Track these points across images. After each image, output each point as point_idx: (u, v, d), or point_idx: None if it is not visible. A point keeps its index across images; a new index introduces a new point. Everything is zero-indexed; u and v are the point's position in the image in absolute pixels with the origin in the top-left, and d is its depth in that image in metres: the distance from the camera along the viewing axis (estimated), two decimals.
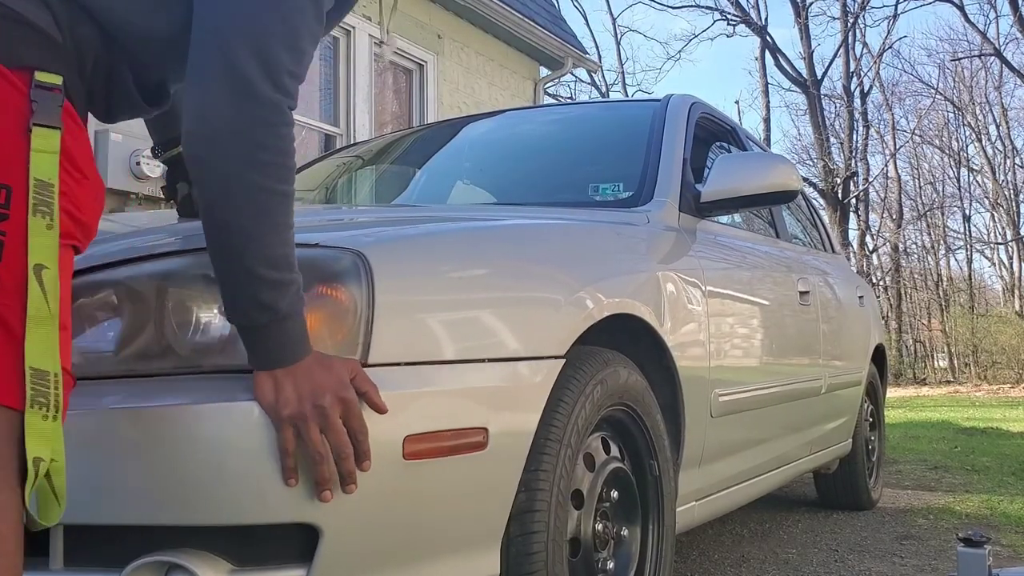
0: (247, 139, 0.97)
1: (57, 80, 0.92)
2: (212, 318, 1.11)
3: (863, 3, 20.55)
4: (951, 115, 23.86)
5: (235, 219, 0.98)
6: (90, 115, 1.05)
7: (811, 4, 21.09)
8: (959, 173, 24.43)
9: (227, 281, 1.00)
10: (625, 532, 1.58)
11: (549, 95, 13.13)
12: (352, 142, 5.73)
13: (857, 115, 21.34)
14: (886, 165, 23.12)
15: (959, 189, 24.55)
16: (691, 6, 23.23)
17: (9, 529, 0.83)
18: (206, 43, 0.99)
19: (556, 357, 1.37)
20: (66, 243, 0.90)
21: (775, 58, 20.80)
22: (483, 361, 1.25)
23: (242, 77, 0.96)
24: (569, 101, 19.07)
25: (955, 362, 20.58)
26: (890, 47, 25.24)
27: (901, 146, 23.51)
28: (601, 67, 22.27)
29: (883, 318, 15.55)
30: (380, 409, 1.05)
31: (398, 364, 1.13)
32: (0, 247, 0.85)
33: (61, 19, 0.95)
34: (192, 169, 0.99)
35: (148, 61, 1.06)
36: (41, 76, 0.91)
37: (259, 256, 0.98)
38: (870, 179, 22.19)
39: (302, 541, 1.07)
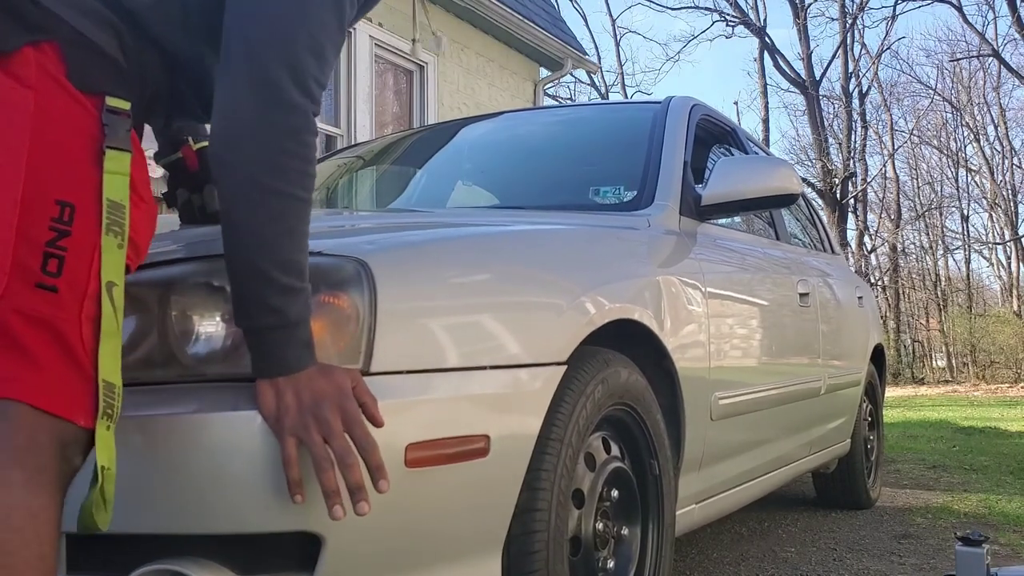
0: (272, 143, 0.99)
1: (125, 105, 0.98)
2: (215, 327, 1.11)
3: (862, 4, 20.56)
4: (949, 116, 23.89)
5: (253, 221, 0.99)
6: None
7: (810, 5, 21.12)
8: (957, 173, 24.46)
9: (239, 282, 1.02)
10: (625, 531, 1.59)
11: (549, 96, 13.14)
12: (352, 143, 5.73)
13: (855, 116, 21.35)
14: (884, 165, 23.16)
15: (957, 189, 24.58)
16: (690, 7, 23.22)
17: (48, 532, 0.87)
18: (236, 50, 1.01)
19: (558, 364, 1.38)
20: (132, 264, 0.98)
21: (774, 59, 20.81)
22: (485, 368, 1.24)
23: (271, 82, 0.99)
24: (569, 102, 19.07)
25: (953, 362, 20.59)
26: (888, 48, 25.35)
27: (899, 146, 23.54)
28: (601, 68, 22.29)
29: (882, 318, 15.55)
30: (377, 422, 1.03)
31: (400, 372, 1.13)
32: (61, 263, 0.90)
33: (128, 47, 1.00)
34: (215, 169, 1.02)
35: (204, 76, 1.11)
36: (112, 101, 0.97)
37: (273, 260, 0.99)
38: (868, 179, 22.22)
39: (304, 549, 1.07)
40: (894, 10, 21.49)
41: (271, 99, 0.99)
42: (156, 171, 4.18)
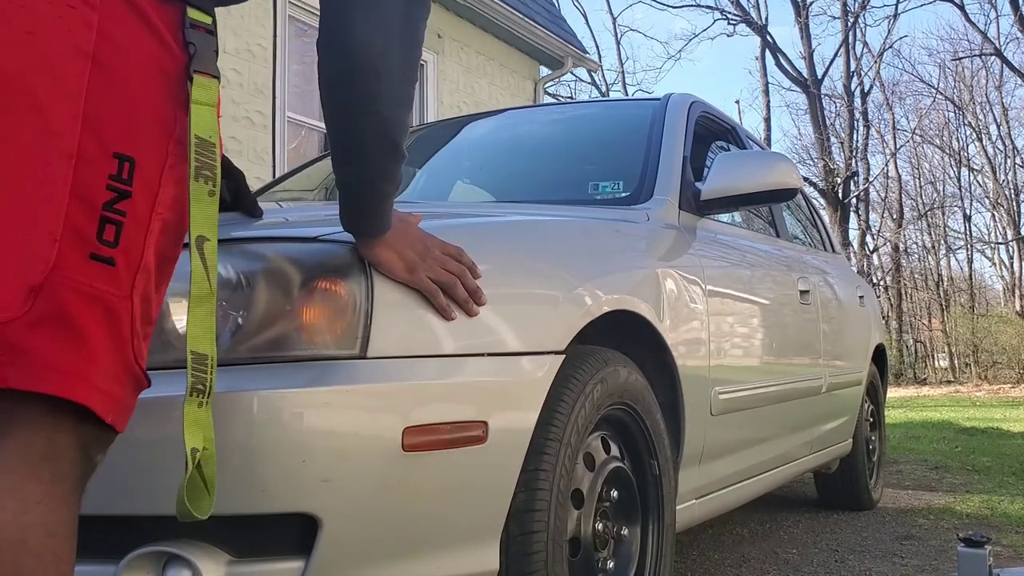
0: (414, 38, 1.00)
1: (207, 20, 0.83)
2: (220, 312, 1.11)
3: (863, 2, 20.56)
4: (952, 115, 23.88)
5: (398, 108, 1.02)
6: None
7: (811, 3, 21.12)
8: (959, 173, 24.45)
9: (379, 171, 1.05)
10: (625, 532, 1.58)
11: (549, 95, 13.14)
12: None
13: (857, 115, 21.35)
14: (886, 165, 23.14)
15: (959, 189, 24.56)
16: (691, 5, 23.26)
17: (67, 550, 0.76)
18: None
19: (555, 352, 1.38)
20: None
21: (775, 57, 20.82)
22: (482, 355, 1.25)
23: None
24: (569, 100, 19.07)
25: (955, 362, 20.58)
26: (890, 47, 25.31)
27: (901, 146, 23.53)
28: (601, 67, 22.26)
29: (883, 318, 15.55)
30: (460, 256, 1.24)
31: (397, 357, 1.14)
32: (119, 230, 0.74)
33: None
34: (361, 81, 0.98)
35: None
36: (193, 14, 0.82)
37: (401, 132, 1.04)
38: (870, 179, 22.21)
39: (301, 532, 1.07)
40: (896, 9, 21.62)
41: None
42: None
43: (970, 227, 25.08)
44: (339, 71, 0.99)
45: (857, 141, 21.17)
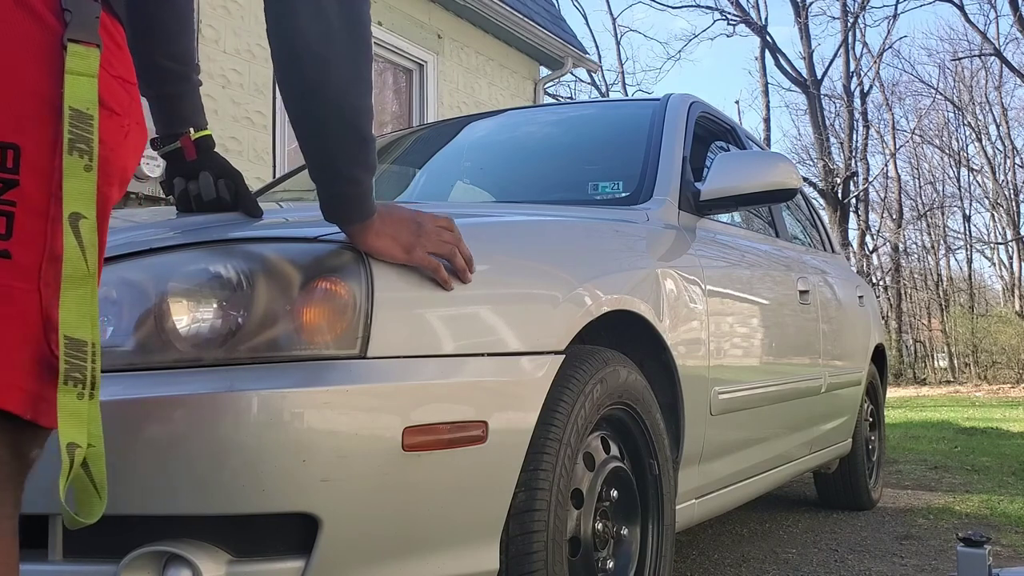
0: (358, 19, 1.01)
1: None
2: (212, 312, 1.11)
3: (863, 3, 20.56)
4: (951, 115, 23.90)
5: (351, 91, 1.02)
6: None
7: (811, 4, 21.14)
8: (959, 173, 24.46)
9: (343, 156, 1.06)
10: (625, 531, 1.58)
11: (549, 95, 13.14)
12: None
13: (857, 115, 21.35)
14: (886, 165, 23.14)
15: (959, 189, 24.57)
16: (691, 6, 23.29)
17: (7, 565, 0.73)
18: None
19: (555, 352, 1.38)
20: (105, 191, 0.77)
21: (775, 58, 20.82)
22: (482, 355, 1.25)
23: None
24: (569, 101, 19.07)
25: (955, 362, 20.58)
26: (890, 47, 25.31)
27: (901, 146, 23.53)
28: (601, 67, 22.28)
29: (883, 318, 15.55)
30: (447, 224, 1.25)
31: (397, 357, 1.14)
32: (9, 221, 0.70)
33: None
34: (308, 67, 0.99)
35: None
36: None
37: (361, 115, 1.04)
38: (870, 179, 22.21)
39: (301, 532, 1.07)
40: (896, 9, 21.61)
41: None
42: (156, 169, 4.13)
43: (970, 227, 25.12)
44: (284, 59, 1.01)
45: (857, 141, 21.19)
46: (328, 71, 1.00)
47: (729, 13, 21.16)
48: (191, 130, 1.35)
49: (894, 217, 23.36)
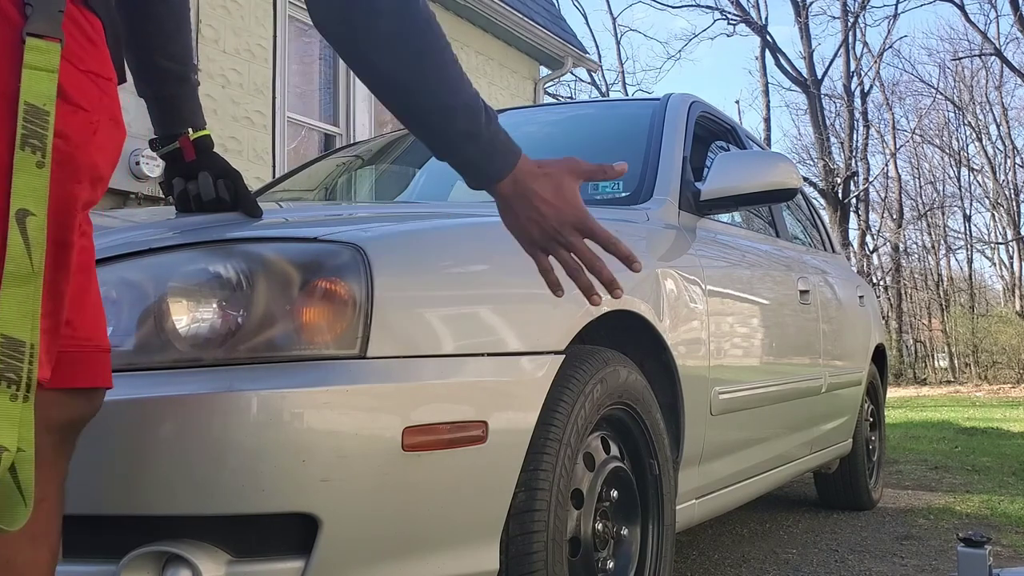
0: None
1: None
2: (211, 312, 1.11)
3: (863, 2, 20.55)
4: (951, 115, 23.90)
5: (441, 57, 0.99)
6: None
7: (811, 3, 21.16)
8: (959, 173, 24.46)
9: (453, 118, 1.00)
10: (625, 531, 1.58)
11: (549, 95, 13.13)
12: (352, 142, 5.72)
13: (857, 115, 21.35)
14: (886, 165, 23.14)
15: (959, 189, 24.57)
16: (691, 5, 23.28)
17: None
18: None
19: (555, 352, 1.38)
20: (71, 189, 0.76)
21: (775, 57, 20.82)
22: (482, 355, 1.25)
23: None
24: (569, 100, 19.06)
25: (955, 362, 20.58)
26: (890, 46, 25.32)
27: (901, 146, 23.53)
28: (601, 67, 22.26)
29: (883, 318, 15.55)
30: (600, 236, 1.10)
31: (397, 357, 1.14)
32: None
33: None
34: (384, 42, 0.95)
35: None
36: None
37: (436, 54, 1.00)
38: (870, 179, 22.21)
39: (301, 532, 1.07)
40: (896, 9, 21.60)
41: None
42: (155, 169, 4.14)
43: (970, 227, 25.12)
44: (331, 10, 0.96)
45: (857, 141, 21.18)
46: (378, 20, 0.95)
47: (729, 13, 21.17)
48: (190, 130, 1.35)
49: (894, 217, 23.37)
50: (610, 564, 1.52)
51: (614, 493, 1.54)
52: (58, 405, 0.79)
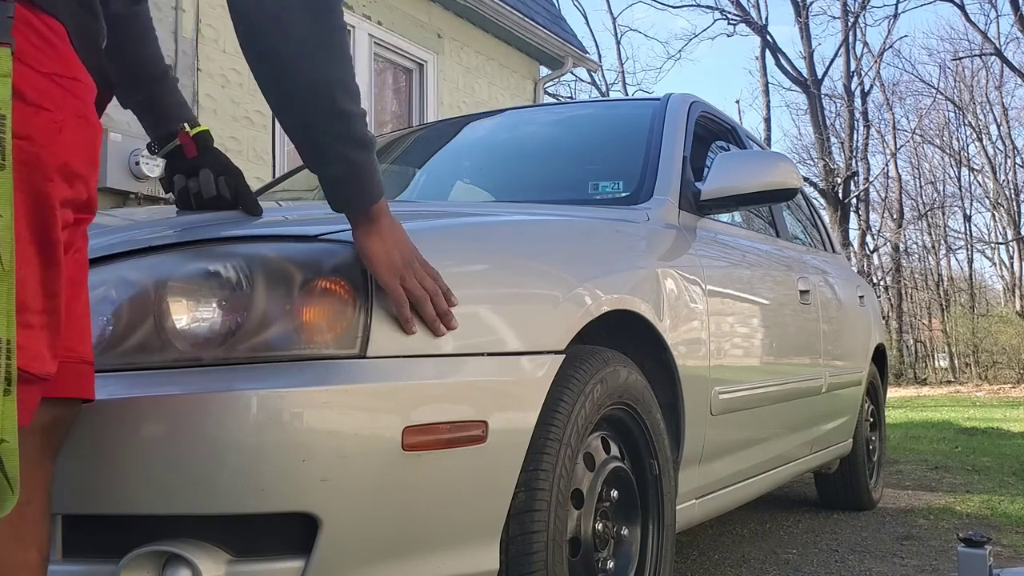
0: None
1: None
2: (211, 312, 1.11)
3: (863, 2, 20.55)
4: (952, 115, 23.89)
5: (322, 64, 0.98)
6: None
7: (811, 3, 21.15)
8: (960, 173, 24.45)
9: (321, 132, 1.02)
10: (625, 532, 1.58)
11: (549, 95, 13.14)
12: None
13: (858, 115, 21.34)
14: (887, 165, 23.13)
15: (960, 189, 24.56)
16: (691, 5, 23.28)
17: None
18: None
19: (555, 352, 1.37)
20: (42, 187, 0.76)
21: (775, 57, 20.81)
22: (482, 355, 1.25)
23: None
24: (569, 100, 19.06)
25: (956, 362, 20.57)
26: (891, 46, 25.30)
27: (902, 146, 23.52)
28: (601, 66, 22.27)
29: (884, 318, 15.55)
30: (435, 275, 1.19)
31: (397, 357, 1.14)
32: None
33: None
34: (261, 38, 0.96)
35: None
36: None
37: (350, 94, 1.00)
38: (871, 179, 22.20)
39: (301, 532, 1.07)
40: (896, 9, 21.59)
41: None
42: (155, 168, 4.12)
43: (970, 227, 25.11)
44: (235, 19, 0.98)
45: (857, 141, 21.18)
46: (281, 31, 0.95)
47: (729, 12, 21.17)
48: (185, 125, 1.35)
49: (895, 217, 23.36)
50: (610, 564, 1.52)
51: (614, 493, 1.54)
52: (39, 410, 0.80)
